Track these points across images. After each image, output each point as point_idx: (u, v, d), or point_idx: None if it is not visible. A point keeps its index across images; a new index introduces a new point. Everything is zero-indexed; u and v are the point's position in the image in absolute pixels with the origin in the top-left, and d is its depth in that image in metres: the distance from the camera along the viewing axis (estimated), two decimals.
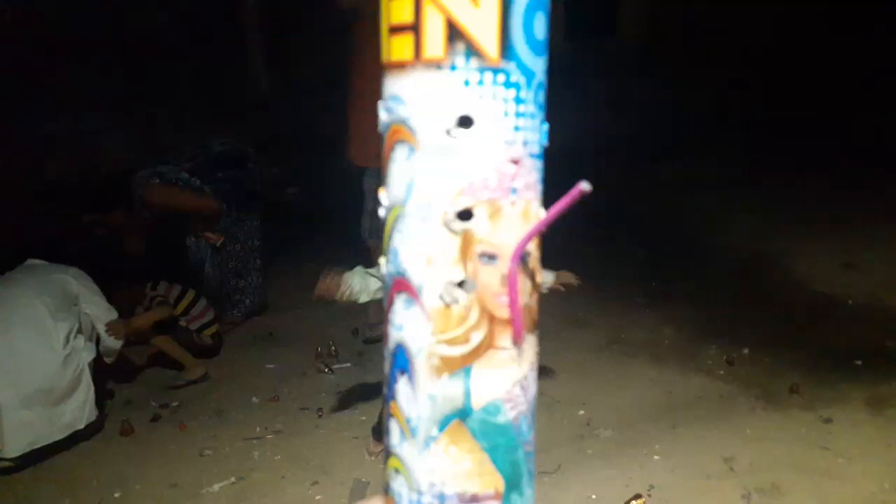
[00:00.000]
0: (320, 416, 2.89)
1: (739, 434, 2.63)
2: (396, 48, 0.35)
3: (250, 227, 3.77)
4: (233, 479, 2.55)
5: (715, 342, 3.28)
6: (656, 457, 2.54)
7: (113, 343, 2.97)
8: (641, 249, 4.52)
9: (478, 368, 0.36)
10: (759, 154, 6.29)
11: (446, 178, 0.35)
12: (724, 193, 5.28)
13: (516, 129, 0.36)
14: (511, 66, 0.34)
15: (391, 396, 0.37)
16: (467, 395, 0.35)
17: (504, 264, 0.35)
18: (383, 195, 0.36)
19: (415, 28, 0.34)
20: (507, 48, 0.34)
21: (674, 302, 3.69)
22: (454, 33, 0.34)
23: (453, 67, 0.34)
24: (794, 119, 7.27)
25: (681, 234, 4.63)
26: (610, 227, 5.08)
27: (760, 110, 7.70)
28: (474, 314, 0.36)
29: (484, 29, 0.33)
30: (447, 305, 0.35)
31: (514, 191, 0.35)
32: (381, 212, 0.36)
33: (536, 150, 0.38)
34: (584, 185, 0.36)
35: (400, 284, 0.37)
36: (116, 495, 2.49)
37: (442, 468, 0.34)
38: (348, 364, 3.30)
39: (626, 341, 3.36)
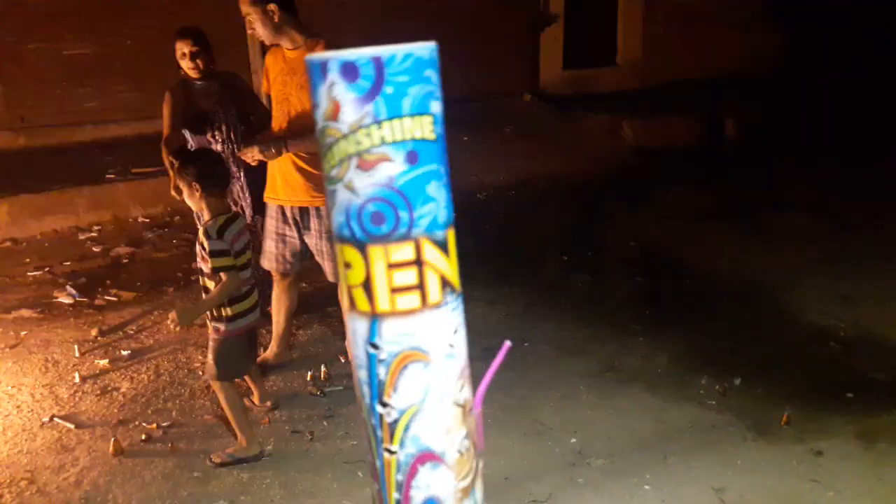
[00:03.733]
0: (311, 440, 2.88)
1: (730, 465, 2.63)
2: (403, 302, 0.50)
3: None
4: (221, 502, 2.53)
5: (707, 371, 3.29)
6: (647, 486, 2.54)
7: None
8: (637, 277, 4.54)
9: (476, 484, 0.52)
10: (754, 185, 6.35)
11: (452, 372, 0.50)
12: (719, 223, 5.32)
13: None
14: (460, 290, 0.54)
15: None
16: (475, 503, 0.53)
17: (475, 411, 0.52)
18: (395, 401, 0.50)
19: (420, 287, 0.50)
20: (459, 281, 0.52)
21: (667, 330, 3.70)
22: (445, 283, 0.50)
23: (446, 303, 0.51)
24: (789, 149, 7.34)
25: (677, 263, 4.65)
26: (606, 254, 5.10)
27: (755, 141, 7.78)
28: (472, 452, 0.52)
29: (454, 274, 0.51)
30: (461, 454, 0.49)
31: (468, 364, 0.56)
32: (393, 414, 0.49)
33: None
34: (508, 343, 0.54)
35: (424, 458, 0.50)
36: None
37: None
38: (340, 387, 3.30)
39: (620, 369, 3.36)
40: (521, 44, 8.38)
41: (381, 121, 0.56)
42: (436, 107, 0.59)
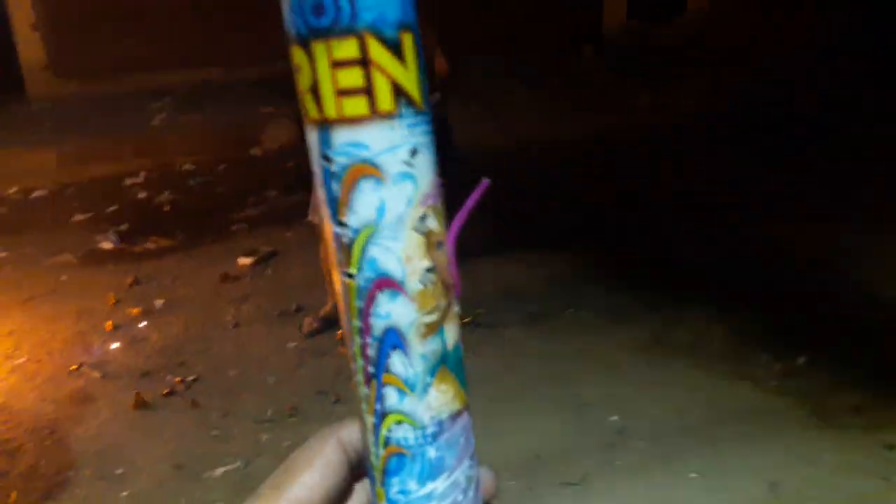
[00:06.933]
0: (335, 402, 2.75)
1: (789, 456, 2.38)
2: (350, 106, 0.46)
3: None
4: (238, 463, 2.43)
5: (768, 349, 3.01)
6: (693, 474, 2.31)
7: None
8: (696, 244, 4.23)
9: (446, 324, 0.47)
10: (825, 153, 5.88)
11: (408, 194, 0.48)
12: (782, 193, 4.92)
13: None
14: (425, 109, 0.48)
15: (383, 371, 0.47)
16: (444, 344, 0.47)
17: (447, 246, 0.49)
18: (350, 219, 0.47)
19: (368, 91, 0.46)
20: (423, 99, 0.47)
21: (726, 301, 3.41)
22: (399, 91, 0.46)
23: (400, 116, 0.47)
24: (864, 116, 6.80)
25: (740, 230, 4.32)
26: (663, 219, 4.79)
27: (829, 108, 7.25)
28: (440, 288, 0.48)
29: (413, 86, 0.47)
30: (425, 287, 0.48)
31: (439, 195, 0.49)
32: (349, 234, 0.47)
33: None
34: (486, 181, 0.49)
35: (382, 283, 0.48)
36: (118, 472, 2.41)
37: (437, 402, 0.46)
38: None
39: (671, 341, 3.11)
40: None
41: None
42: None
